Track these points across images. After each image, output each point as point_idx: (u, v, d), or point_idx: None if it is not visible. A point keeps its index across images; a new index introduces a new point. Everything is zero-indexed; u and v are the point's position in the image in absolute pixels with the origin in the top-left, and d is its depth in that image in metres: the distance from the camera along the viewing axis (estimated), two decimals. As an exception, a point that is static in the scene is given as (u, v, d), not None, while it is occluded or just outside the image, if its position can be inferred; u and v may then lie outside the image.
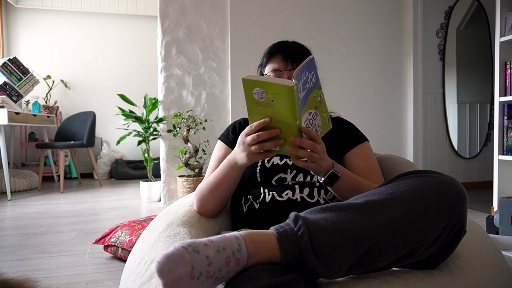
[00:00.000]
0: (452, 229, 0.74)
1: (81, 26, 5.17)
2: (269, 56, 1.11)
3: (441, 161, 3.70)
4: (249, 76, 0.77)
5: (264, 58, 1.13)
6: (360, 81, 3.40)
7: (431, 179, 0.76)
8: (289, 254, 0.67)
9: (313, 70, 0.79)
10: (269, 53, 1.12)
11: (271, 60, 1.10)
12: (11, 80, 3.93)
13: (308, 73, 0.78)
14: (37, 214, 2.77)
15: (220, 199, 1.05)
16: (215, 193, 1.03)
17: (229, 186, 1.01)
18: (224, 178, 1.00)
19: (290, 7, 3.22)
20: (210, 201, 1.05)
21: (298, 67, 0.77)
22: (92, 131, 4.22)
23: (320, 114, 0.84)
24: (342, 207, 0.73)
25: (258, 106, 0.79)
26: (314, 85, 0.80)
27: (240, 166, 0.95)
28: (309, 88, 0.79)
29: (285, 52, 1.09)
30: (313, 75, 0.79)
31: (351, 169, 1.09)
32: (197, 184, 2.86)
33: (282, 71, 1.08)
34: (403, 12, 3.47)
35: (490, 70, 3.80)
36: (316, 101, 0.82)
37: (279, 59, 1.09)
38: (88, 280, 1.47)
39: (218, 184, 1.01)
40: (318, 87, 0.81)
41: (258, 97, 0.77)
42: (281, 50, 1.10)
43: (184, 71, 3.10)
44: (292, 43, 1.15)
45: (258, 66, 1.18)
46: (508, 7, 2.35)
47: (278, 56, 1.10)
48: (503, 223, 1.92)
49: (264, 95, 0.77)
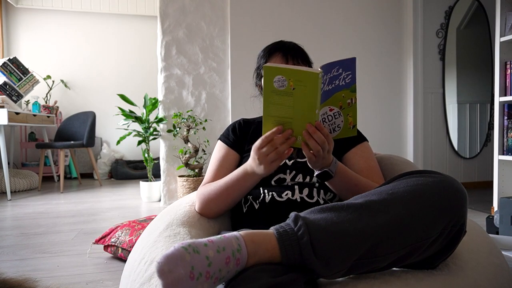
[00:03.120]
0: (452, 229, 0.74)
1: (81, 26, 5.17)
2: (268, 55, 1.10)
3: (441, 161, 3.70)
4: (271, 64, 0.77)
5: (262, 59, 1.12)
6: (360, 81, 3.39)
7: (431, 179, 0.76)
8: (289, 254, 0.67)
9: (350, 70, 0.78)
10: (268, 53, 1.11)
11: (271, 59, 1.09)
12: (11, 80, 3.93)
13: (343, 70, 0.77)
14: (37, 214, 2.77)
15: (228, 205, 1.05)
16: (225, 199, 1.03)
17: (240, 194, 1.01)
18: (238, 187, 0.99)
19: (290, 7, 3.22)
20: (217, 205, 1.05)
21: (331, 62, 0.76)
22: (92, 131, 4.22)
23: (345, 116, 0.83)
24: (342, 207, 0.73)
25: (276, 95, 0.79)
26: (346, 85, 0.79)
27: (259, 177, 0.94)
28: (338, 85, 0.78)
29: (285, 50, 1.09)
30: (348, 75, 0.78)
31: (351, 169, 1.08)
32: (197, 184, 2.86)
33: None
34: (403, 12, 3.47)
35: (490, 70, 3.80)
36: (344, 101, 0.81)
37: (279, 57, 1.08)
38: (88, 280, 1.47)
39: (229, 191, 1.00)
40: (351, 89, 0.80)
41: (278, 85, 0.77)
42: (280, 48, 1.10)
43: (184, 71, 3.10)
44: (289, 41, 1.15)
45: (255, 69, 1.17)
46: (508, 7, 2.35)
47: (277, 54, 1.09)
48: (503, 223, 1.92)
49: (285, 83, 0.76)
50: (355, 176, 0.98)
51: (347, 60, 0.77)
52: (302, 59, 1.10)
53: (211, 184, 1.07)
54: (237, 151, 1.15)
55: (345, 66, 0.78)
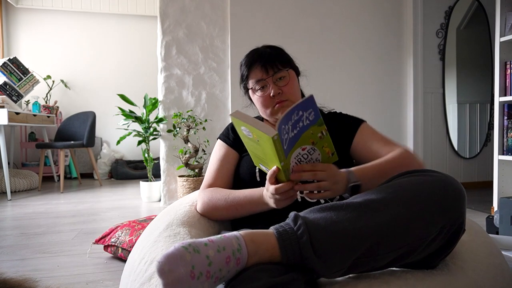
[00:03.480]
0: (451, 227, 0.74)
1: (81, 26, 5.17)
2: (248, 69, 1.10)
3: (441, 161, 3.70)
4: (237, 114, 0.78)
5: (244, 72, 1.12)
6: (360, 81, 3.40)
7: (430, 178, 0.76)
8: (289, 254, 0.67)
9: (310, 108, 0.78)
10: (248, 66, 1.10)
11: (252, 72, 1.09)
12: (11, 80, 3.93)
13: (303, 111, 0.77)
14: (37, 214, 2.77)
15: (233, 217, 1.06)
16: (232, 213, 1.03)
17: (249, 213, 1.01)
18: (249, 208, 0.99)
19: (290, 7, 3.22)
20: (222, 215, 1.06)
21: (289, 108, 0.75)
22: (92, 131, 4.22)
23: (320, 149, 0.83)
24: (342, 206, 0.73)
25: (248, 140, 0.81)
26: (311, 122, 0.79)
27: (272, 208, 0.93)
28: (303, 126, 0.78)
29: (262, 60, 1.08)
30: (310, 113, 0.78)
31: (364, 155, 1.09)
32: (197, 184, 2.86)
33: (265, 79, 1.07)
34: (403, 12, 3.47)
35: (490, 70, 3.80)
36: (314, 137, 0.81)
37: (258, 69, 1.08)
38: (88, 280, 1.47)
39: (239, 209, 1.00)
40: (318, 123, 0.79)
41: (246, 133, 0.79)
42: (257, 59, 1.09)
43: (184, 71, 3.10)
44: (264, 48, 1.14)
45: (240, 82, 1.16)
46: (508, 7, 2.35)
47: (256, 66, 1.09)
48: (503, 223, 1.92)
49: (251, 134, 0.78)
50: (375, 165, 0.96)
51: (304, 101, 0.77)
52: (282, 62, 1.10)
53: (219, 191, 1.06)
54: (237, 150, 1.15)
55: (304, 107, 0.77)
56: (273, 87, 1.07)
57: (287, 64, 1.12)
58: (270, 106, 1.10)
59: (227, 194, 1.03)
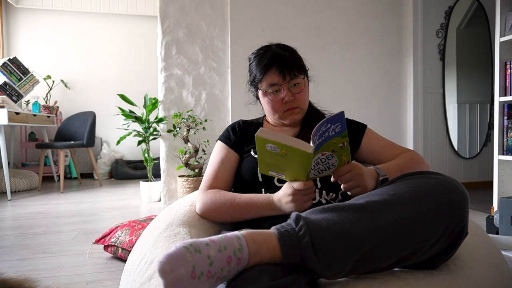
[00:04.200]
0: (453, 230, 0.73)
1: (81, 26, 5.17)
2: (264, 71, 1.07)
3: (441, 161, 3.70)
4: (262, 133, 0.79)
5: (258, 73, 1.08)
6: (360, 81, 3.40)
7: (432, 180, 0.76)
8: (289, 254, 0.67)
9: (338, 122, 0.82)
10: (263, 67, 1.07)
11: (267, 75, 1.07)
12: (11, 80, 3.93)
13: (332, 124, 0.81)
14: (37, 214, 2.77)
15: (236, 220, 1.04)
16: (236, 217, 1.02)
17: (254, 217, 1.00)
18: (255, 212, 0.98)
19: (290, 7, 3.22)
20: (224, 218, 1.04)
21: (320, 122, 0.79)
22: (92, 131, 4.22)
23: (338, 157, 0.87)
24: (344, 207, 0.73)
25: (270, 153, 0.82)
26: (336, 134, 0.83)
27: (282, 213, 0.94)
28: (328, 136, 0.82)
29: (279, 63, 1.06)
30: (337, 126, 0.82)
31: (370, 159, 1.12)
32: (197, 184, 2.85)
33: (281, 84, 1.06)
34: (403, 12, 3.47)
35: (490, 70, 3.80)
36: (336, 146, 0.85)
37: (275, 73, 1.06)
38: (88, 280, 1.47)
39: (244, 214, 0.99)
40: (342, 135, 0.83)
41: (271, 148, 0.80)
42: (274, 62, 1.06)
43: (184, 71, 3.10)
44: (280, 49, 1.10)
45: (250, 81, 1.14)
46: (508, 7, 2.35)
47: (273, 69, 1.06)
48: (503, 223, 1.92)
49: (278, 150, 0.79)
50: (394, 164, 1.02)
51: (335, 116, 0.81)
52: (299, 68, 1.09)
53: (222, 194, 1.04)
54: (238, 152, 1.14)
55: (334, 121, 0.81)
56: (287, 94, 1.06)
57: (303, 70, 1.11)
58: (280, 111, 1.09)
59: (232, 198, 1.01)
